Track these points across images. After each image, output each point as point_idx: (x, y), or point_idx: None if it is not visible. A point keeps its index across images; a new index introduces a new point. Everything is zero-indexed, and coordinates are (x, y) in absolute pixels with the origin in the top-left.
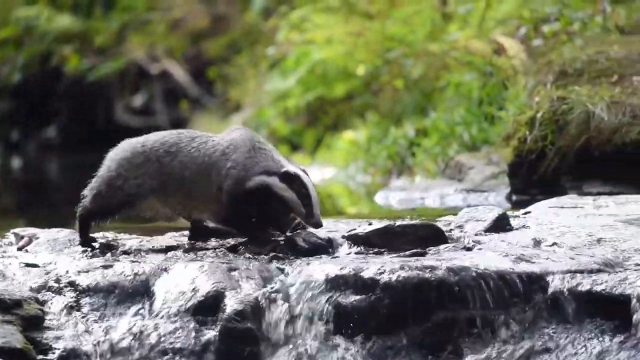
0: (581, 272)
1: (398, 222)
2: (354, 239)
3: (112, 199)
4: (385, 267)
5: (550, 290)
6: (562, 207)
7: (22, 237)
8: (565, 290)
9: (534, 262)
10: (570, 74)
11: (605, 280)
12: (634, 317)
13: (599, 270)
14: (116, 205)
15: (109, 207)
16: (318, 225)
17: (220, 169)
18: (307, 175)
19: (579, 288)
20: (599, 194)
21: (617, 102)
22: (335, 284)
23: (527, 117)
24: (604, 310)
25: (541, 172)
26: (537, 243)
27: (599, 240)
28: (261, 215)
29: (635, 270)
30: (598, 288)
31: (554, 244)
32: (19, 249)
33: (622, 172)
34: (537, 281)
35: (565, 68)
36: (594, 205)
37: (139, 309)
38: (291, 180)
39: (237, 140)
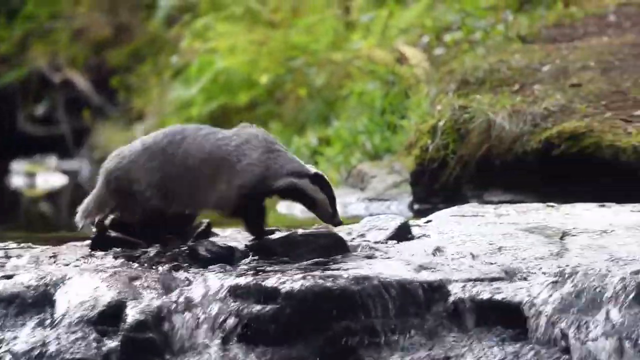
0: (482, 280)
1: (300, 231)
2: (256, 248)
3: (141, 206)
4: (287, 276)
5: (451, 298)
6: (463, 216)
7: None
8: (465, 298)
9: (435, 271)
10: (472, 82)
11: (505, 288)
12: (531, 325)
13: (499, 279)
14: (152, 211)
15: (148, 216)
16: (339, 224)
17: (233, 163)
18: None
19: (480, 296)
20: (500, 202)
21: (518, 111)
22: (237, 293)
23: (429, 125)
24: (504, 319)
25: (443, 180)
26: (438, 252)
27: (499, 249)
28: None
29: (535, 278)
30: (498, 296)
31: (455, 252)
32: None
33: (523, 181)
34: (438, 290)
35: (467, 77)
36: (495, 213)
37: (40, 320)
38: (322, 182)
39: (250, 137)
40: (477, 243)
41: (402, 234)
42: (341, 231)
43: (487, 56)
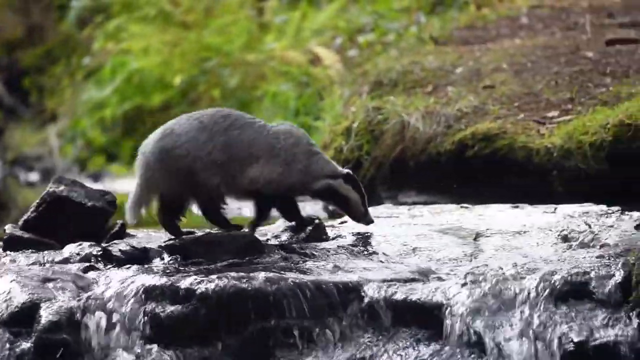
0: (396, 281)
1: (215, 232)
2: (171, 249)
3: (209, 182)
4: (202, 277)
5: (366, 299)
6: (377, 217)
7: None
8: (380, 299)
9: (350, 272)
10: (386, 84)
11: (420, 289)
12: (446, 325)
13: (413, 280)
14: (215, 189)
15: (211, 196)
16: (371, 222)
17: (289, 161)
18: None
19: (395, 297)
20: (414, 203)
21: (432, 113)
22: (152, 294)
23: (343, 127)
24: (419, 319)
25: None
26: (352, 252)
27: (414, 250)
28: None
29: (449, 279)
30: (413, 297)
31: (370, 253)
32: None
33: (437, 182)
34: (353, 290)
35: (381, 78)
36: (409, 214)
37: None
38: (354, 181)
39: (297, 141)
40: (391, 244)
41: (317, 235)
42: (256, 232)
43: (400, 58)
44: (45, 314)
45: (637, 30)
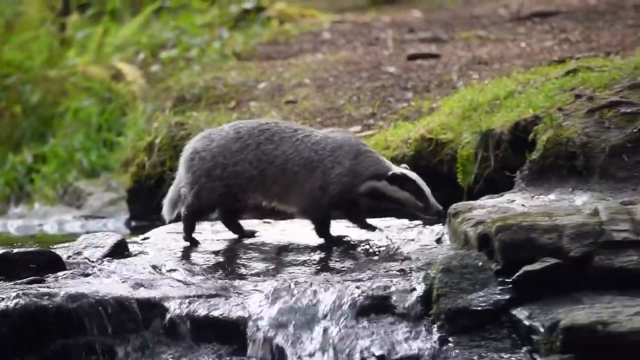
0: (199, 297)
1: (15, 250)
2: None
3: (213, 193)
4: (2, 295)
5: (168, 315)
6: (179, 233)
7: None
8: (183, 315)
9: (152, 288)
10: (189, 99)
11: (222, 305)
12: (248, 340)
13: (216, 295)
14: (218, 198)
15: (210, 202)
16: (439, 212)
17: (328, 169)
18: (412, 171)
19: (197, 313)
20: (216, 219)
21: None
22: None
23: (146, 142)
24: (221, 335)
25: (160, 197)
26: (155, 269)
27: (217, 265)
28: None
29: (252, 294)
30: (215, 313)
31: (172, 269)
32: None
33: None
34: (155, 306)
35: (183, 94)
36: (212, 230)
37: None
38: (400, 180)
39: (343, 142)
40: (194, 260)
41: (119, 251)
42: (57, 249)
43: (203, 73)
44: None
45: (438, 45)
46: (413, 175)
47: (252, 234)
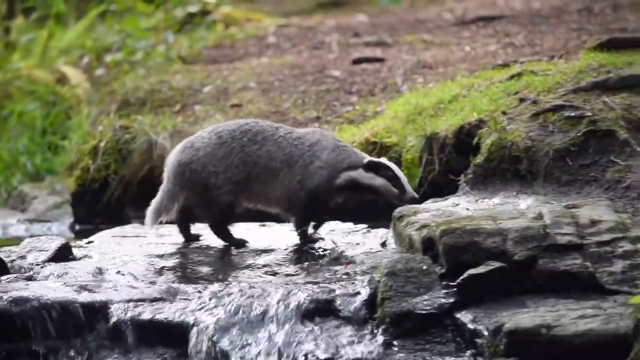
0: (143, 301)
1: None
2: None
3: (221, 199)
4: None
5: (112, 319)
6: (124, 237)
7: None
8: (127, 319)
9: (96, 292)
10: (133, 103)
11: (166, 308)
12: (192, 344)
13: (160, 299)
14: (227, 206)
15: (225, 206)
16: (415, 199)
17: (307, 164)
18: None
19: (141, 317)
20: (164, 223)
21: (180, 131)
22: None
23: (90, 146)
24: (165, 339)
25: (105, 201)
26: (99, 272)
27: (161, 269)
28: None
29: (196, 298)
30: (159, 316)
31: (117, 273)
32: None
33: None
34: (99, 310)
35: (128, 97)
36: (157, 234)
37: None
38: (376, 167)
39: (321, 137)
40: (138, 264)
41: (63, 255)
42: (1, 252)
43: (148, 77)
44: None
45: (383, 49)
46: (388, 162)
47: (197, 237)
